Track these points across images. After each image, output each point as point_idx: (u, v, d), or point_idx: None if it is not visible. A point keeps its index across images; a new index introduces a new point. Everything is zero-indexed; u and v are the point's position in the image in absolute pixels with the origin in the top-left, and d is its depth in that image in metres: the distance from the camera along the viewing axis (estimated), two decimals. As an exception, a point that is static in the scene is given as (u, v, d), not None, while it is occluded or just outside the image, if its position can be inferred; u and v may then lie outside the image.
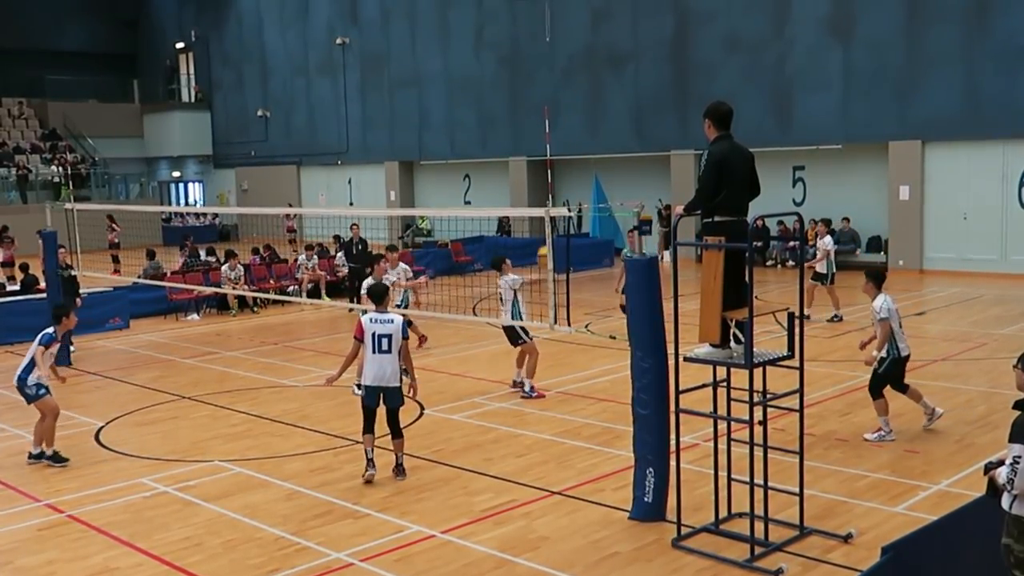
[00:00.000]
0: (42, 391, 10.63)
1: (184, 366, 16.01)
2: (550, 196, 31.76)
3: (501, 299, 12.93)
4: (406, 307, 14.46)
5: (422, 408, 12.49)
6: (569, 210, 10.77)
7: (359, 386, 9.83)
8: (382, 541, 8.08)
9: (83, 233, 17.11)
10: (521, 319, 12.57)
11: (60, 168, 41.71)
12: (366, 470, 9.60)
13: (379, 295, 9.89)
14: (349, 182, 40.71)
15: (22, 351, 17.73)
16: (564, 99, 32.10)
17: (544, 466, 9.96)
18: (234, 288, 21.07)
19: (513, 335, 12.96)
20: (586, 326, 17.24)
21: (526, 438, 11.02)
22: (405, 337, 9.66)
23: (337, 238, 24.72)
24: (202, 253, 26.32)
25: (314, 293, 22.85)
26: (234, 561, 7.79)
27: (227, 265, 22.15)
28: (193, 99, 47.68)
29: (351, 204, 39.74)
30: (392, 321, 9.58)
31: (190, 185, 49.73)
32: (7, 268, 25.46)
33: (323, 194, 41.57)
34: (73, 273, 17.35)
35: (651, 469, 8.28)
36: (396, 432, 9.64)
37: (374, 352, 9.45)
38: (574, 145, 31.91)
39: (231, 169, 46.04)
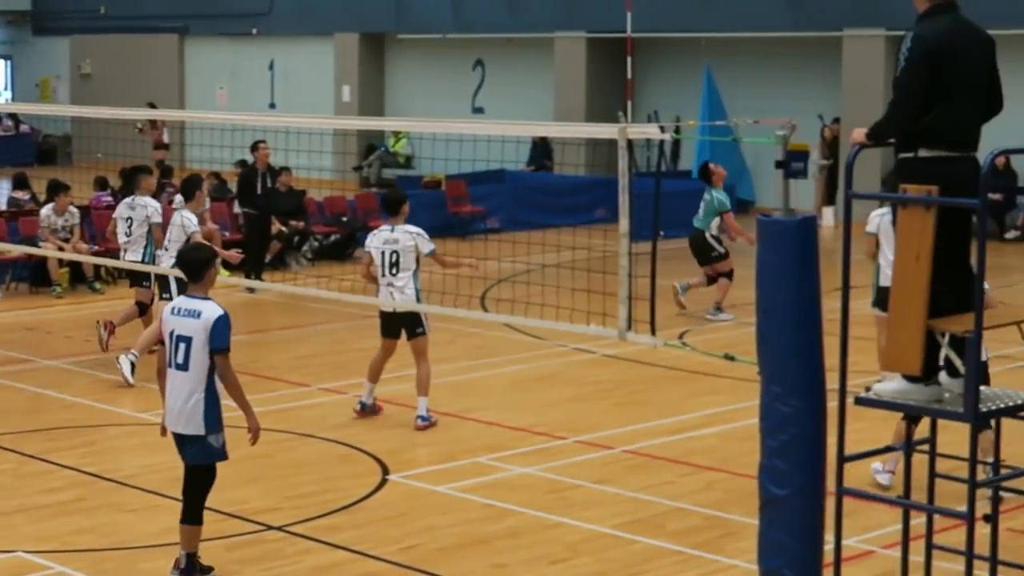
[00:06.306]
0: None
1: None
2: (628, 104, 31.59)
3: (396, 264, 13.72)
4: None
5: (385, 473, 12.50)
6: (662, 129, 10.70)
7: None
8: None
9: None
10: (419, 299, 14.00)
11: None
12: None
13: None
14: (271, 67, 40.81)
15: None
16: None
17: (599, 583, 9.99)
18: (62, 248, 21.16)
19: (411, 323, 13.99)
20: (681, 336, 17.18)
21: (567, 529, 10.98)
22: None
23: (243, 164, 24.80)
24: (5, 185, 26.54)
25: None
26: None
27: (51, 207, 22.21)
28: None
29: (272, 106, 39.78)
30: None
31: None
32: None
33: (224, 86, 41.70)
34: None
35: (789, 594, 8.26)
36: (193, 515, 9.59)
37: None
38: (671, 16, 31.72)
39: (64, 38, 46.38)
